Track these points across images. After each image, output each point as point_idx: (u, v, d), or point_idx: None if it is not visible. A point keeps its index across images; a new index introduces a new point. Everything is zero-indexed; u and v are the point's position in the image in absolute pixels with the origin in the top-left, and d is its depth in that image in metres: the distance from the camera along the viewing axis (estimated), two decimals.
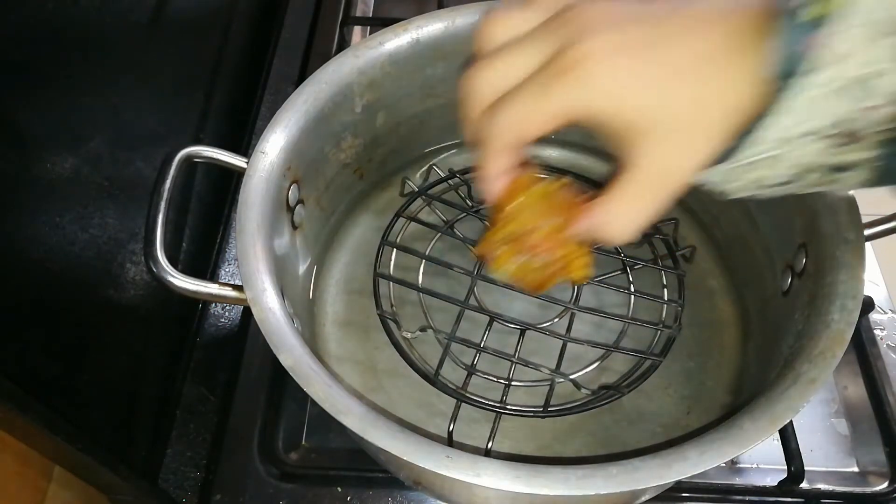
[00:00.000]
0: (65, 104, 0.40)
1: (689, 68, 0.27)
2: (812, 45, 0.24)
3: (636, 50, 0.27)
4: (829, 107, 0.25)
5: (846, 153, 0.26)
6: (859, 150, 0.26)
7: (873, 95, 0.24)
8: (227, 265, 0.60)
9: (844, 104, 0.24)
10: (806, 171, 0.27)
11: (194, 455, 0.50)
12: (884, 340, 0.55)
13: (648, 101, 0.27)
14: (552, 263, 0.36)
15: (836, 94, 0.24)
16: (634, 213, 0.30)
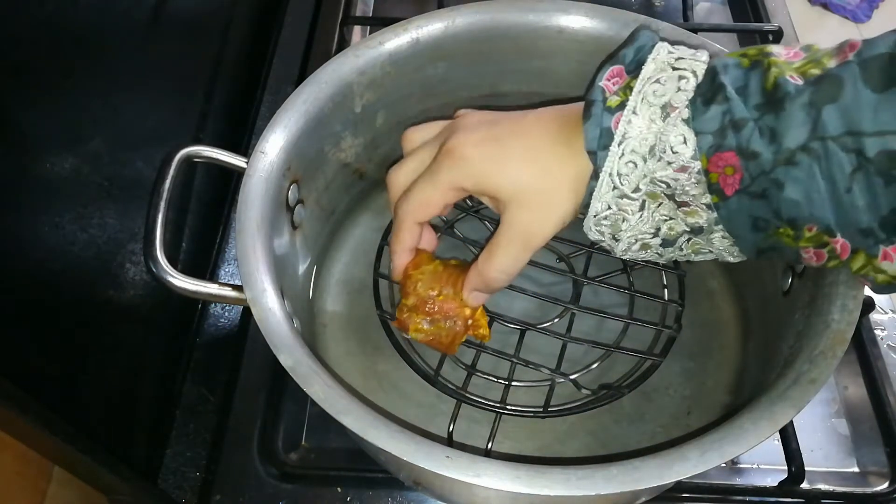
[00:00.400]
0: (65, 104, 0.40)
1: (532, 154, 0.37)
2: (616, 122, 0.34)
3: (493, 142, 0.38)
4: (644, 167, 0.34)
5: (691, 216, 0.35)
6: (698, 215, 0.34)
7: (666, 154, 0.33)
8: (227, 265, 0.60)
9: (652, 163, 0.33)
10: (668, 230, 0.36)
11: (194, 455, 0.50)
12: (884, 340, 0.55)
13: (504, 179, 0.37)
14: (457, 324, 0.44)
15: (642, 158, 0.34)
16: (506, 261, 0.39)
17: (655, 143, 0.33)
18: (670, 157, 0.33)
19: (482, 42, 0.52)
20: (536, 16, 0.51)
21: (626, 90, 0.34)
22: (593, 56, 0.52)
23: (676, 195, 0.34)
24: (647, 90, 0.33)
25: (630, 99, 0.34)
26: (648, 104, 0.33)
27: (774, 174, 0.30)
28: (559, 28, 0.51)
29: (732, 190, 0.32)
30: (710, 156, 0.32)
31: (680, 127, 0.32)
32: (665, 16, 0.78)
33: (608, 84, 0.35)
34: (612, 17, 0.50)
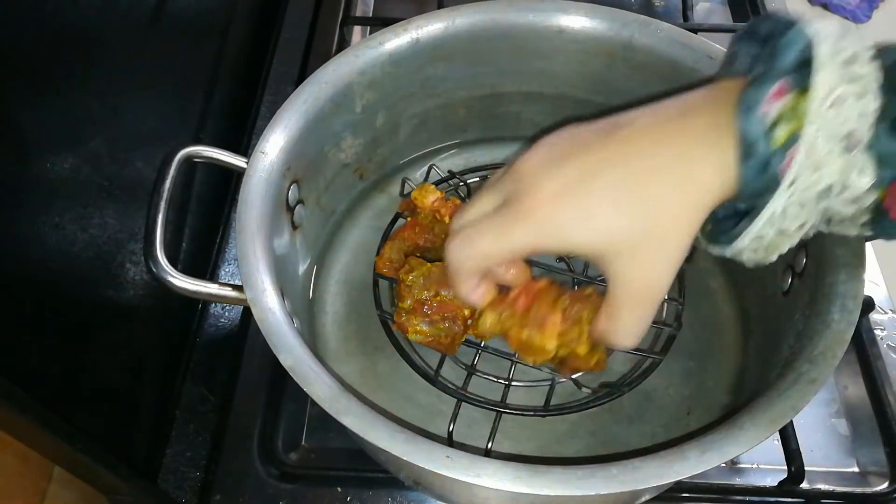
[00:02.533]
0: (65, 104, 0.40)
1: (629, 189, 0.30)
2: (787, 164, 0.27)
3: (575, 188, 0.30)
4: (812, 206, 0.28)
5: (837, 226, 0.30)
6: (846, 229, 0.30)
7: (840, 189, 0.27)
8: (227, 265, 0.60)
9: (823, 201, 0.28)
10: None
11: (194, 455, 0.50)
12: (884, 340, 0.55)
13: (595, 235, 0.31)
14: (456, 324, 0.44)
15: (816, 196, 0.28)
16: (633, 325, 0.34)
17: (834, 182, 0.27)
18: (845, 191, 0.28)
19: (482, 42, 0.52)
20: (536, 16, 0.51)
21: (794, 114, 0.27)
22: (593, 56, 0.52)
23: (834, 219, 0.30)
24: (825, 118, 0.26)
25: (804, 134, 0.27)
26: (827, 136, 0.27)
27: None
28: (559, 28, 0.51)
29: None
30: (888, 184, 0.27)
31: (860, 156, 0.27)
32: (665, 16, 0.78)
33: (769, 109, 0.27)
34: (612, 17, 0.50)
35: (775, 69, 0.27)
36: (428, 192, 0.49)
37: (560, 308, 0.39)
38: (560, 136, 0.33)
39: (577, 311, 0.38)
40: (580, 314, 0.38)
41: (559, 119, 0.60)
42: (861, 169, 0.27)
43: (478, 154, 0.61)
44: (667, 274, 0.31)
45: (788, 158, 0.27)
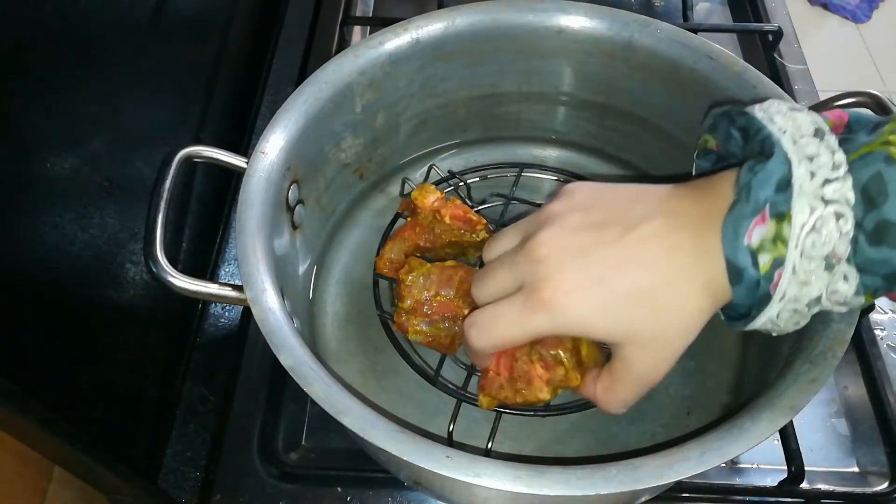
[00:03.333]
0: (65, 104, 0.40)
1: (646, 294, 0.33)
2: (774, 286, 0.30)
3: (595, 286, 0.33)
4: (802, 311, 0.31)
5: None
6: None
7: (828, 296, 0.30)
8: (227, 265, 0.60)
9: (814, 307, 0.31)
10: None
11: (194, 455, 0.50)
12: (884, 341, 0.55)
13: (611, 327, 0.33)
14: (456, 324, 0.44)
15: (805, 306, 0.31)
16: (627, 398, 0.37)
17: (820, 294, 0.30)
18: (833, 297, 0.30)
19: (482, 42, 0.52)
20: (536, 16, 0.51)
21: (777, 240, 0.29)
22: (593, 56, 0.52)
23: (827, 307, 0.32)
24: (805, 244, 0.29)
25: (787, 258, 0.29)
26: (809, 258, 0.29)
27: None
28: (559, 28, 0.51)
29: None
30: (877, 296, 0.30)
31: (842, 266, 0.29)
32: (665, 16, 0.78)
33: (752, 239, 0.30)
34: (612, 17, 0.50)
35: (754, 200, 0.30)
36: (428, 192, 0.49)
37: (536, 359, 0.40)
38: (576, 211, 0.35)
39: (553, 354, 0.40)
40: (557, 356, 0.40)
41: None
42: (845, 277, 0.30)
43: (478, 154, 0.61)
44: (669, 365, 0.35)
45: (776, 279, 0.30)
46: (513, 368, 0.41)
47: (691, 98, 0.50)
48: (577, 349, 0.40)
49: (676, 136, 0.55)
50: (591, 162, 0.61)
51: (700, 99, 0.49)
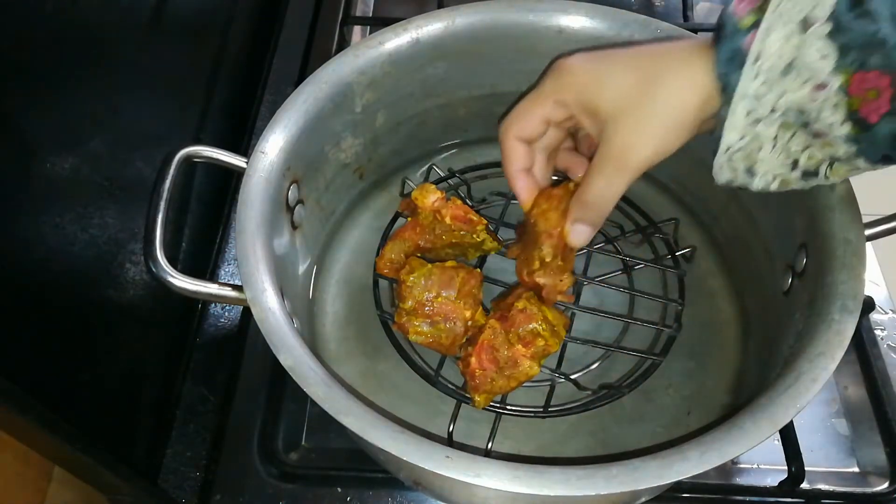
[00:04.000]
0: (65, 104, 0.40)
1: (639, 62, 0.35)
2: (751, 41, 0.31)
3: (602, 56, 0.37)
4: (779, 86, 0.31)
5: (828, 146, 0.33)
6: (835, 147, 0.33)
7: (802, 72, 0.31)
8: (227, 265, 0.60)
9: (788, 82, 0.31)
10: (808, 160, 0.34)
11: (194, 455, 0.50)
12: (884, 341, 0.55)
13: (604, 91, 0.36)
14: (457, 325, 0.45)
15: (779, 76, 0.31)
16: (599, 185, 0.38)
17: (793, 58, 0.31)
18: (807, 73, 0.31)
19: (482, 42, 0.52)
20: (536, 16, 0.51)
21: (760, 10, 0.32)
22: None
23: (811, 123, 0.32)
24: (783, 6, 0.31)
25: (765, 17, 0.31)
26: (785, 21, 0.31)
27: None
28: (559, 28, 0.51)
29: (878, 115, 0.30)
30: (853, 71, 0.30)
31: (821, 41, 0.30)
32: (665, 16, 0.78)
33: (740, 7, 0.32)
34: (612, 17, 0.50)
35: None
36: (428, 192, 0.49)
37: (515, 340, 0.43)
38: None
39: (529, 330, 0.43)
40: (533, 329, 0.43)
41: None
42: (823, 52, 0.30)
43: (478, 154, 0.61)
44: (646, 146, 0.35)
45: (751, 37, 0.31)
46: (496, 359, 0.43)
47: None
48: (545, 318, 0.43)
49: None
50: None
51: None
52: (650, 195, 0.59)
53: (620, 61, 0.36)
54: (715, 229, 0.56)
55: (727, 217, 0.54)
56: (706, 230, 0.57)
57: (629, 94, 0.35)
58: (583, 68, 0.37)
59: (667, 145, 0.35)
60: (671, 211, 0.58)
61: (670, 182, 0.59)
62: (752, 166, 0.34)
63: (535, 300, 0.45)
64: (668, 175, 0.59)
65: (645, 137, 0.35)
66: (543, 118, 0.39)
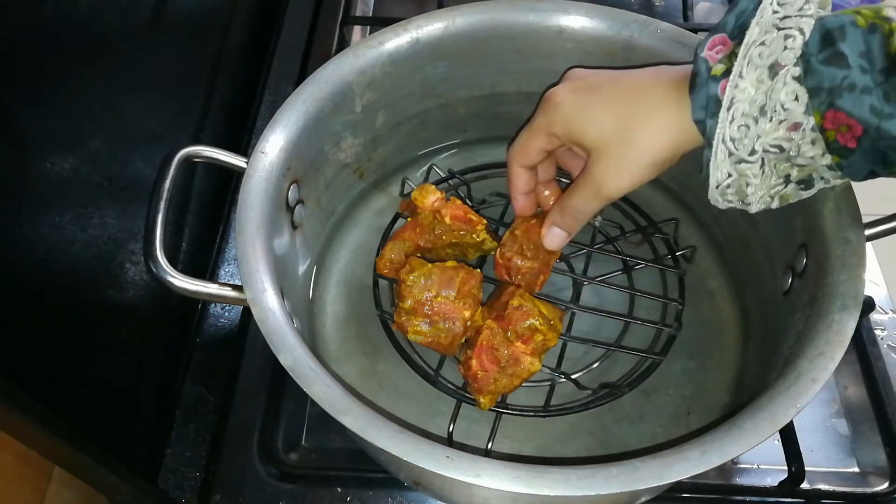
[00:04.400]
0: (65, 104, 0.40)
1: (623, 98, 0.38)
2: (724, 88, 0.33)
3: (587, 90, 0.40)
4: (755, 129, 0.33)
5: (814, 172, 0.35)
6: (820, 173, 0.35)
7: (776, 114, 0.33)
8: (227, 265, 0.60)
9: (763, 125, 0.33)
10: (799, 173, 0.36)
11: (194, 455, 0.50)
12: (884, 341, 0.55)
13: (588, 126, 0.39)
14: (456, 325, 0.45)
15: (753, 120, 0.33)
16: (577, 204, 0.42)
17: (765, 102, 0.33)
18: (781, 115, 0.33)
19: (482, 42, 0.52)
20: (536, 16, 0.51)
21: (731, 57, 0.34)
22: (593, 56, 0.52)
23: (794, 158, 0.34)
24: (752, 53, 0.33)
25: (735, 64, 0.33)
26: (755, 66, 0.33)
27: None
28: (559, 28, 0.51)
29: (855, 140, 0.32)
30: (823, 112, 0.32)
31: (790, 84, 0.32)
32: (665, 16, 0.78)
33: (711, 54, 0.35)
34: (612, 17, 0.50)
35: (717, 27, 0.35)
36: (428, 193, 0.49)
37: (514, 338, 0.44)
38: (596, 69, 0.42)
39: (526, 326, 0.44)
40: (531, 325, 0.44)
41: None
42: (795, 94, 0.32)
43: (478, 154, 0.61)
44: (621, 179, 0.39)
45: (723, 84, 0.33)
46: (497, 359, 0.44)
47: None
48: (541, 312, 0.44)
49: None
50: None
51: None
52: (650, 195, 0.59)
53: (603, 99, 0.39)
54: (715, 229, 0.57)
55: (727, 217, 0.54)
56: (706, 230, 0.57)
57: (609, 134, 0.38)
58: (568, 103, 0.40)
59: (642, 179, 0.39)
60: (671, 211, 0.58)
61: (670, 182, 0.59)
62: (744, 198, 0.37)
63: (528, 296, 0.45)
64: (668, 175, 0.58)
65: (621, 174, 0.38)
66: (540, 149, 0.43)
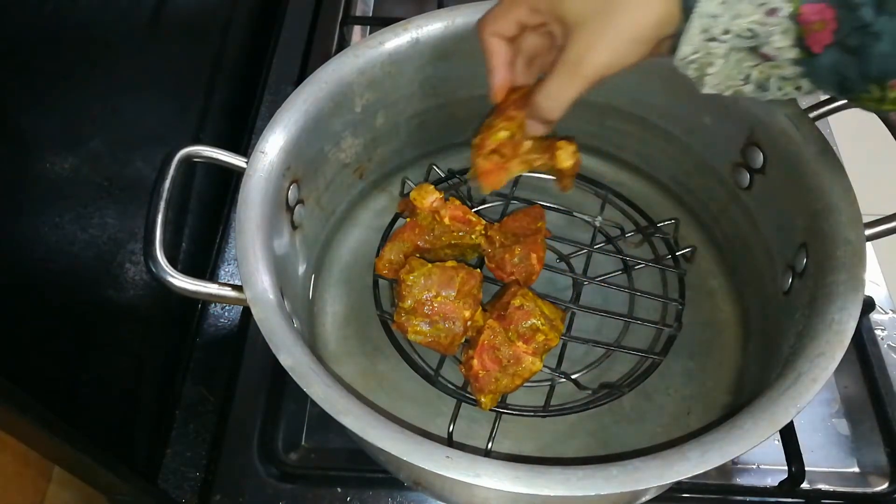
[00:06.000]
0: (65, 104, 0.39)
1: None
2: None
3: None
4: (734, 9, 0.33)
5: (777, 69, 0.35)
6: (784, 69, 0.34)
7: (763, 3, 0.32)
8: (227, 265, 0.60)
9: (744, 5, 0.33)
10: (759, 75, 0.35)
11: (194, 455, 0.50)
12: (884, 341, 0.55)
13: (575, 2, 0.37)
14: (456, 325, 0.45)
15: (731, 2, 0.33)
16: (553, 87, 0.39)
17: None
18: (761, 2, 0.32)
19: None
20: None
21: None
22: None
23: (761, 47, 0.34)
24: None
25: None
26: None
27: (875, 26, 0.30)
28: None
29: (821, 46, 0.32)
30: (802, 2, 0.32)
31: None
32: None
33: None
34: None
35: None
36: (427, 193, 0.49)
37: (515, 337, 0.44)
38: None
39: (528, 326, 0.44)
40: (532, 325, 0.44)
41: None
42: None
43: None
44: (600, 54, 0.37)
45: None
46: (498, 358, 0.44)
47: (691, 98, 0.50)
48: (542, 312, 0.44)
49: (676, 136, 0.55)
50: (591, 161, 0.61)
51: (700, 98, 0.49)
52: (650, 195, 0.59)
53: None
54: (715, 229, 0.56)
55: (727, 217, 0.54)
56: (706, 230, 0.57)
57: (592, 5, 0.36)
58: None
59: (621, 58, 0.37)
60: (671, 211, 0.58)
61: (670, 182, 0.59)
62: (703, 76, 0.36)
63: (530, 296, 0.45)
64: (668, 175, 0.59)
65: (600, 48, 0.37)
66: (517, 20, 0.40)
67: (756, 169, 0.49)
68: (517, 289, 0.46)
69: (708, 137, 0.53)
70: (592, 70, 0.37)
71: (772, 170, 0.48)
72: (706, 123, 0.52)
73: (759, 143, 0.48)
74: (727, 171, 0.52)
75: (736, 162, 0.51)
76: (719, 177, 0.53)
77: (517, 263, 0.48)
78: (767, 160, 0.48)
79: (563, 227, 0.56)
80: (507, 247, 0.48)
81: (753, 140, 0.48)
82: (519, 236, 0.49)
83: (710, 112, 0.51)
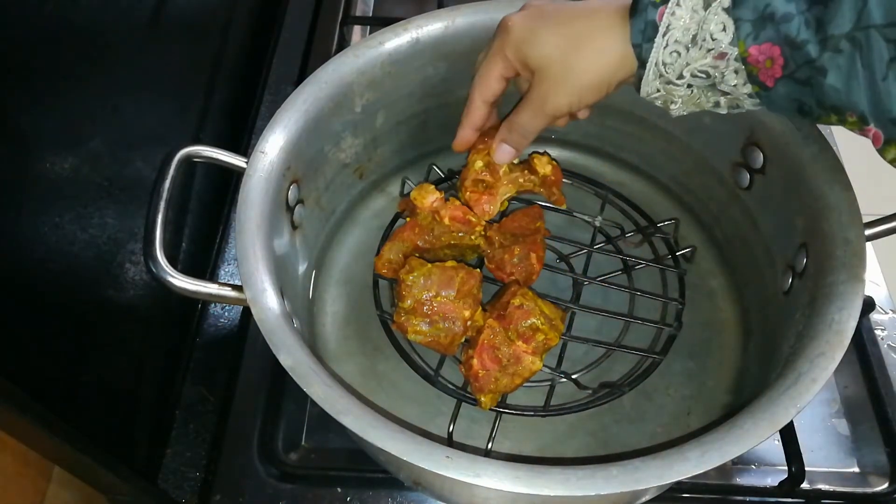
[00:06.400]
0: (65, 104, 0.39)
1: (568, 21, 0.40)
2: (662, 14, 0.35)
3: (538, 15, 0.42)
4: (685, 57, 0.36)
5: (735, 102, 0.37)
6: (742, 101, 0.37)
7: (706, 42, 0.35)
8: (227, 265, 0.60)
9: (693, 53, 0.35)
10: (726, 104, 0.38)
11: (194, 455, 0.50)
12: (884, 341, 0.55)
13: (534, 48, 0.41)
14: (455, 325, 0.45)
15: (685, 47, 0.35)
16: (520, 121, 0.44)
17: (697, 31, 0.35)
18: (710, 45, 0.35)
19: (482, 42, 0.51)
20: None
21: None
22: None
23: (717, 85, 0.36)
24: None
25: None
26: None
27: (820, 62, 0.32)
28: None
29: (773, 80, 0.34)
30: (748, 45, 0.34)
31: (720, 15, 0.34)
32: None
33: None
34: None
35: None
36: (427, 193, 0.49)
37: (515, 337, 0.44)
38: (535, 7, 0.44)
39: (527, 325, 0.44)
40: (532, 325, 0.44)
41: None
42: (723, 25, 0.34)
43: None
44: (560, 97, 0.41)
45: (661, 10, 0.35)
46: (498, 358, 0.44)
47: None
48: (542, 312, 0.45)
49: (676, 136, 0.55)
50: (590, 161, 0.61)
51: None
52: (650, 195, 0.59)
53: (551, 22, 0.41)
54: (715, 229, 0.57)
55: (727, 217, 0.54)
56: (706, 230, 0.57)
57: (554, 53, 0.40)
58: (518, 27, 0.42)
59: (581, 100, 0.41)
60: (671, 211, 0.58)
61: (670, 182, 0.59)
62: (668, 107, 0.39)
63: (530, 295, 0.45)
64: (668, 175, 0.59)
65: (561, 92, 0.41)
66: (499, 75, 0.44)
67: (756, 169, 0.49)
68: (517, 288, 0.46)
69: (708, 137, 0.53)
70: (553, 110, 0.42)
71: (772, 170, 0.48)
72: (706, 123, 0.52)
73: (759, 143, 0.48)
74: (727, 170, 0.52)
75: (736, 162, 0.51)
76: (719, 177, 0.53)
77: (517, 263, 0.48)
78: (767, 160, 0.48)
79: (564, 227, 0.56)
80: (507, 247, 0.48)
81: (753, 140, 0.48)
82: (518, 236, 0.49)
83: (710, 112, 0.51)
